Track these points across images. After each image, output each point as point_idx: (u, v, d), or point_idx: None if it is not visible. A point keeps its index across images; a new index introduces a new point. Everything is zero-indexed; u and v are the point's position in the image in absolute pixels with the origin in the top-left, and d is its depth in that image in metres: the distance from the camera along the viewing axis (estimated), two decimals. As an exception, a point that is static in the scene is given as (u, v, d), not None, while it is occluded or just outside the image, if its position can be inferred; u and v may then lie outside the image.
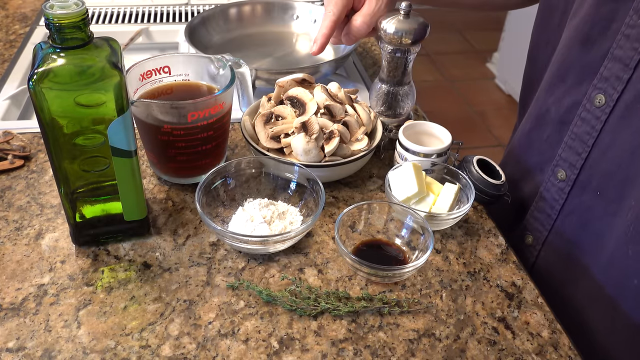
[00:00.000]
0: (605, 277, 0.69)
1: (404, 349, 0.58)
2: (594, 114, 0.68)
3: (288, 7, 1.16)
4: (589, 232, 0.71)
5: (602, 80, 0.67)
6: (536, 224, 0.78)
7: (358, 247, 0.69)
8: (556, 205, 0.74)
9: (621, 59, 0.64)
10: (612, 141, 0.67)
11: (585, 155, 0.70)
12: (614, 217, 0.67)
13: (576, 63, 0.71)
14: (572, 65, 0.72)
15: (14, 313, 0.60)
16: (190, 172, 0.76)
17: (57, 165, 0.60)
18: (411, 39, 0.77)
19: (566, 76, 0.73)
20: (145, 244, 0.69)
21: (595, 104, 0.68)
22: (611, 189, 0.67)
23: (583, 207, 0.71)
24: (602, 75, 0.67)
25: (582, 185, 0.71)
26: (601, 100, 0.67)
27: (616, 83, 0.65)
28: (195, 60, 0.79)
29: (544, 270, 0.78)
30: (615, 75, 0.65)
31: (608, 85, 0.66)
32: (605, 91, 0.66)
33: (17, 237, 0.69)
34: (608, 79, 0.66)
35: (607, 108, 0.66)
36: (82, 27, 0.55)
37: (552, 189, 0.75)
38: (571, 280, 0.74)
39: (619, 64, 0.64)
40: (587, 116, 0.69)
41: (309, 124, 0.74)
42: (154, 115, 0.70)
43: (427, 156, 0.76)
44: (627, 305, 0.66)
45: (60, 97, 0.56)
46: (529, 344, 0.60)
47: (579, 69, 0.71)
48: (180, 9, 1.30)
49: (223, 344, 0.58)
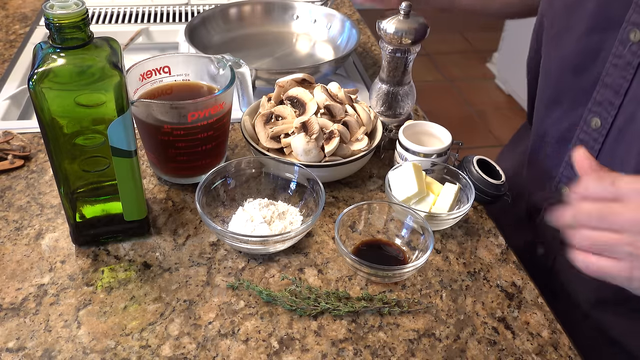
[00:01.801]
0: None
1: (404, 349, 0.59)
2: (592, 136, 0.70)
3: (288, 7, 1.16)
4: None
5: (596, 105, 0.69)
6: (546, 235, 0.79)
7: (358, 247, 0.69)
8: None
9: (611, 86, 0.67)
10: (609, 164, 0.67)
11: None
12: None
13: (568, 89, 0.73)
14: (566, 91, 0.74)
15: (14, 313, 0.60)
16: (190, 172, 0.76)
17: (57, 165, 0.60)
18: (411, 39, 0.77)
19: (562, 100, 0.75)
20: (145, 244, 0.69)
21: (591, 126, 0.70)
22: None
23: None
24: (596, 100, 0.69)
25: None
26: (597, 123, 0.69)
27: (609, 108, 0.67)
28: (195, 60, 0.79)
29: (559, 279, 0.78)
30: (608, 100, 0.67)
31: (602, 109, 0.68)
32: (600, 115, 0.69)
33: (17, 237, 0.69)
34: (601, 104, 0.68)
35: (603, 130, 0.69)
36: (82, 27, 0.55)
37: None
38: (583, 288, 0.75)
39: (610, 91, 0.67)
40: (585, 137, 0.71)
41: (309, 124, 0.74)
42: (154, 116, 0.70)
43: (427, 156, 0.76)
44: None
45: (60, 97, 0.56)
46: (529, 344, 0.60)
47: (573, 94, 0.73)
48: (180, 9, 1.30)
49: (223, 344, 0.58)
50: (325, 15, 1.13)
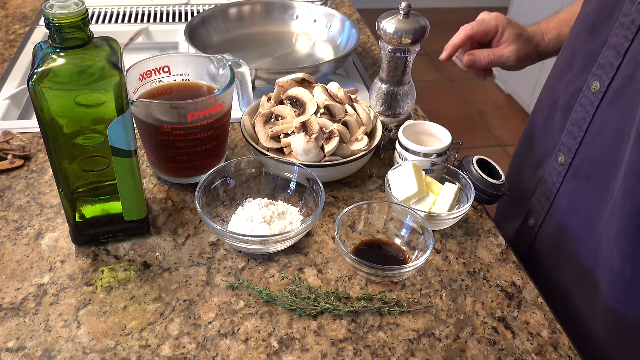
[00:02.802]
0: (590, 262, 0.70)
1: (404, 349, 0.58)
2: (590, 100, 0.70)
3: (288, 7, 1.16)
4: (579, 217, 0.72)
5: (599, 68, 0.69)
6: (538, 206, 0.80)
7: (358, 247, 0.69)
8: (554, 189, 0.76)
9: (615, 47, 0.66)
10: (602, 126, 0.68)
11: (580, 140, 0.71)
12: (602, 202, 0.68)
13: (582, 51, 0.73)
14: (578, 54, 0.74)
15: (14, 313, 0.60)
16: (190, 172, 0.76)
17: (57, 165, 0.60)
18: (411, 39, 0.77)
19: (573, 63, 0.75)
20: (145, 244, 0.69)
21: (592, 90, 0.70)
22: (599, 173, 0.69)
23: (574, 191, 0.73)
24: (600, 63, 0.69)
25: (575, 170, 0.73)
26: (596, 86, 0.69)
27: (609, 70, 0.67)
28: (195, 60, 0.79)
29: (539, 254, 0.80)
30: (609, 62, 0.67)
31: (603, 72, 0.68)
32: (600, 78, 0.68)
33: (17, 237, 0.69)
34: (604, 66, 0.68)
35: (599, 94, 0.68)
36: (82, 27, 0.55)
37: (553, 173, 0.76)
38: (560, 264, 0.76)
39: (613, 52, 0.67)
40: (585, 102, 0.71)
41: (309, 124, 0.73)
42: (154, 116, 0.70)
43: (427, 156, 0.76)
44: (608, 292, 0.67)
45: (60, 97, 0.56)
46: (529, 344, 0.60)
47: (583, 57, 0.73)
48: (180, 9, 1.30)
49: (223, 344, 0.58)
50: (325, 15, 1.13)
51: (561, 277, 0.75)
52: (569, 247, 0.74)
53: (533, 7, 2.64)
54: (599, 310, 0.69)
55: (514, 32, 0.85)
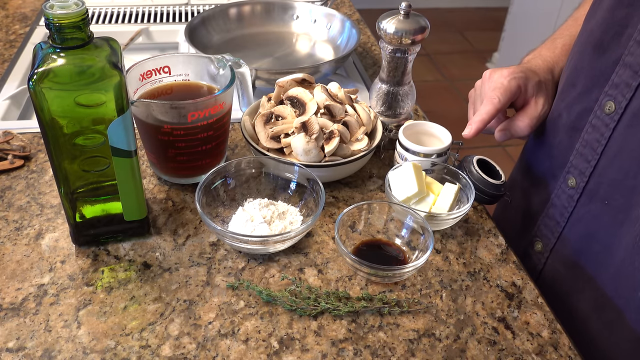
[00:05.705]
0: (611, 288, 0.68)
1: (404, 349, 0.58)
2: (604, 121, 0.67)
3: (288, 7, 1.16)
4: (596, 242, 0.70)
5: (612, 87, 0.66)
6: (545, 230, 0.78)
7: (358, 247, 0.69)
8: (565, 213, 0.74)
9: (631, 66, 0.63)
10: (619, 149, 0.66)
11: (594, 162, 0.69)
12: (621, 227, 0.66)
13: (587, 68, 0.70)
14: (583, 71, 0.71)
15: (14, 313, 0.60)
16: (190, 172, 0.76)
17: (57, 165, 0.60)
18: (411, 39, 0.77)
19: (577, 81, 0.72)
20: (145, 244, 0.69)
21: (605, 111, 0.67)
22: (618, 198, 0.66)
23: (590, 215, 0.70)
24: (613, 82, 0.66)
25: (590, 194, 0.70)
26: (611, 107, 0.66)
27: (625, 90, 0.64)
28: (195, 60, 0.79)
29: (550, 279, 0.77)
30: (625, 82, 0.64)
31: (618, 92, 0.65)
32: (615, 98, 0.65)
33: (17, 237, 0.69)
34: (618, 86, 0.65)
35: (615, 115, 0.65)
36: (82, 27, 0.55)
37: (562, 195, 0.74)
38: (577, 290, 0.73)
39: (629, 71, 0.64)
40: (597, 123, 0.68)
41: (309, 124, 0.74)
42: (154, 116, 0.70)
43: (427, 156, 0.76)
44: (631, 318, 0.65)
45: (60, 97, 0.56)
46: (529, 344, 0.60)
47: (589, 75, 0.70)
48: (180, 9, 1.30)
49: (223, 344, 0.58)
50: (325, 15, 1.13)
51: (579, 303, 0.73)
52: (586, 273, 0.71)
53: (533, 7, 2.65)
54: (623, 335, 0.66)
55: (533, 82, 0.77)
